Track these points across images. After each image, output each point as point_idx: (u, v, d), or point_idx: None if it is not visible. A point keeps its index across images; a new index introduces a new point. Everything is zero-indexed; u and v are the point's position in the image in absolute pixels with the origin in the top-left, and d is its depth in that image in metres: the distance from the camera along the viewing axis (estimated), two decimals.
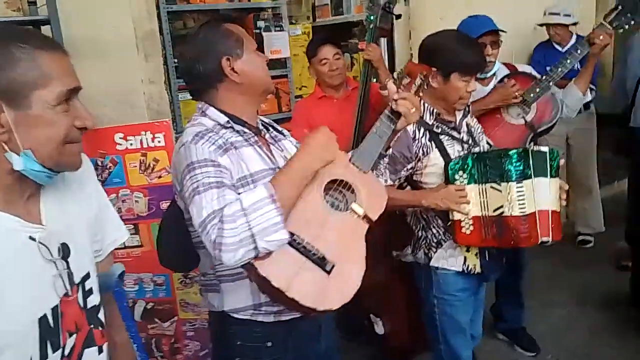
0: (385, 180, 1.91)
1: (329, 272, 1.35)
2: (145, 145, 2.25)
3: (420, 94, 1.61)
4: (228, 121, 1.44)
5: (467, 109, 2.12)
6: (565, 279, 3.63)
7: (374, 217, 1.46)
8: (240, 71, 1.44)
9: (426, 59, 1.99)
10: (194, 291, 2.40)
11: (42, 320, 0.96)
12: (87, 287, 1.08)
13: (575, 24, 3.74)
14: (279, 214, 1.23)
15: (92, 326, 1.08)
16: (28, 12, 2.28)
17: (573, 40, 3.75)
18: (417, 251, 2.08)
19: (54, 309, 0.98)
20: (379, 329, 2.83)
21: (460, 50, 1.92)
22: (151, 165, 2.27)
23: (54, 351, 0.98)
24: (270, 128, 1.61)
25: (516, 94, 2.43)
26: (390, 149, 1.67)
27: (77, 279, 1.05)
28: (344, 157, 1.49)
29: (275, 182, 1.29)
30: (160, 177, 2.27)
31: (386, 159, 1.81)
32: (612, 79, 4.53)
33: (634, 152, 3.26)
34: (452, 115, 2.03)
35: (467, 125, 2.08)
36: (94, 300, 1.09)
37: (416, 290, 2.21)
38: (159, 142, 2.25)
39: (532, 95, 2.47)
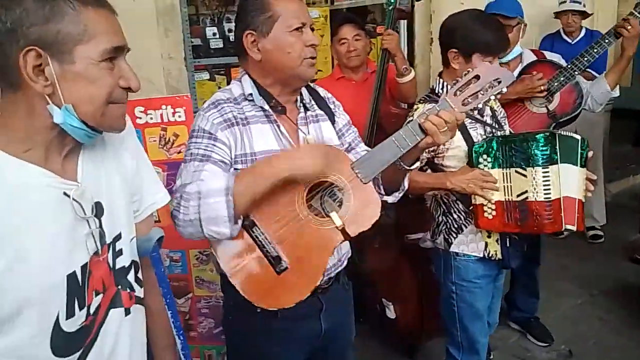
0: None
1: (279, 273, 1.34)
2: (165, 120, 2.22)
3: (481, 106, 1.46)
4: (250, 94, 1.43)
5: None
6: (577, 270, 3.62)
7: (353, 233, 1.35)
8: (262, 49, 1.40)
9: (447, 39, 1.96)
10: (210, 268, 2.39)
11: (71, 277, 0.95)
12: (117, 248, 1.07)
13: (586, 13, 3.68)
14: (227, 208, 1.24)
15: (119, 287, 1.08)
16: None
17: (582, 34, 3.70)
18: (437, 237, 2.06)
19: (83, 267, 0.98)
20: (391, 313, 2.82)
21: (481, 29, 1.87)
22: (171, 140, 2.24)
23: (80, 309, 0.98)
24: (314, 107, 1.55)
25: (542, 87, 2.38)
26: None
27: (108, 239, 1.04)
28: (344, 158, 1.40)
29: (239, 175, 1.30)
30: (179, 152, 2.24)
31: None
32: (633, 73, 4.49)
33: None
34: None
35: (491, 108, 2.05)
36: (123, 261, 1.09)
37: (428, 275, 2.20)
38: (179, 116, 2.22)
39: (555, 84, 2.44)
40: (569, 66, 2.43)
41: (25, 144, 0.91)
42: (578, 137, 1.87)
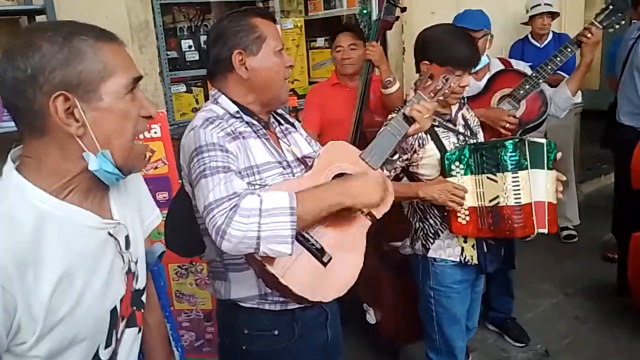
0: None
1: (325, 264, 1.35)
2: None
3: (441, 98, 1.64)
4: (238, 111, 1.45)
5: (462, 101, 2.14)
6: (552, 270, 3.70)
7: (378, 215, 1.44)
8: (250, 67, 1.43)
9: (421, 51, 2.02)
10: (189, 282, 2.41)
11: (113, 311, 1.00)
12: (135, 273, 1.10)
13: (556, 14, 3.78)
14: (291, 228, 1.21)
15: (134, 308, 1.10)
16: (23, 2, 2.27)
17: (550, 37, 3.81)
18: (415, 243, 2.10)
19: (121, 300, 1.02)
20: (371, 318, 2.86)
21: (456, 44, 1.94)
22: (147, 157, 2.25)
23: (115, 337, 1.02)
24: (282, 121, 1.61)
25: (508, 126, 2.39)
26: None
27: (132, 267, 1.07)
28: (354, 151, 1.51)
29: (301, 196, 1.26)
30: (156, 167, 2.27)
31: None
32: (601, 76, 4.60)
33: (618, 146, 3.33)
34: (447, 108, 2.06)
35: (464, 117, 2.11)
36: (138, 284, 1.12)
37: (408, 281, 2.24)
38: (155, 133, 2.24)
39: (521, 91, 2.50)
40: (534, 74, 2.50)
41: (66, 185, 0.93)
42: (543, 141, 1.93)
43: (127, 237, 1.05)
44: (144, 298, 1.14)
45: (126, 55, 0.96)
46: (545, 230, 1.91)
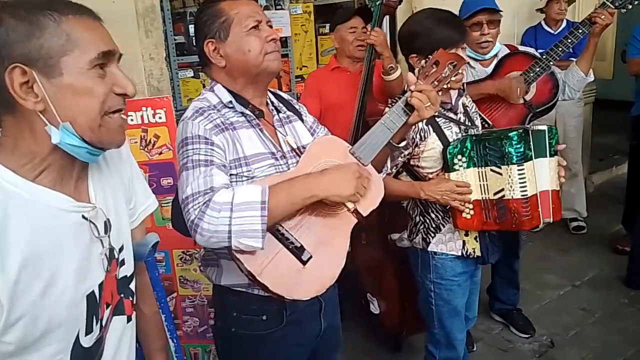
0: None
1: (304, 263, 1.35)
2: (146, 121, 2.23)
3: (447, 86, 1.54)
4: (230, 101, 1.44)
5: (462, 86, 2.09)
6: (559, 261, 3.67)
7: (365, 213, 1.42)
8: (224, 54, 1.42)
9: (406, 47, 1.97)
10: (193, 268, 2.41)
11: (90, 296, 0.97)
12: (120, 258, 1.08)
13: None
14: (262, 222, 1.22)
15: (122, 295, 1.09)
16: None
17: (564, 24, 3.74)
18: (414, 236, 2.05)
19: (100, 285, 1.00)
20: (375, 308, 2.86)
21: (436, 27, 1.87)
22: (152, 142, 2.26)
23: (96, 324, 1.00)
24: (284, 109, 1.59)
25: (520, 94, 2.39)
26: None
27: (116, 254, 1.05)
28: (343, 146, 1.47)
29: (274, 189, 1.27)
30: (161, 153, 2.26)
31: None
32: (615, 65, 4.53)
33: (634, 138, 3.29)
34: (447, 96, 1.97)
35: (464, 105, 2.05)
36: (125, 271, 1.10)
37: (410, 273, 2.22)
38: (159, 118, 2.23)
39: (531, 74, 2.46)
40: (544, 56, 2.46)
41: (38, 166, 0.91)
42: (544, 126, 1.88)
43: (107, 221, 1.02)
44: (132, 286, 1.13)
45: (97, 28, 0.92)
46: (550, 219, 1.88)
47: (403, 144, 1.60)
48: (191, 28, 3.47)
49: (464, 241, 1.99)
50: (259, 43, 1.41)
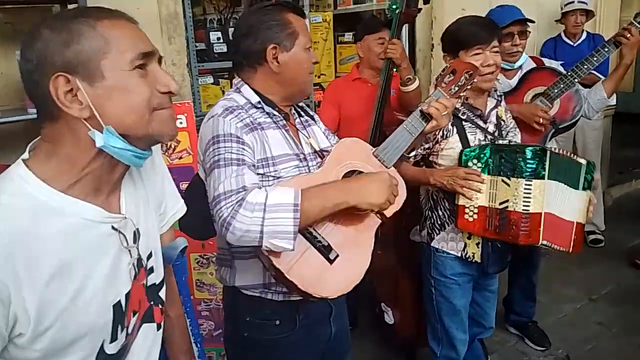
0: None
1: (331, 262, 1.36)
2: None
3: (463, 94, 1.61)
4: (259, 102, 1.46)
5: (499, 98, 2.11)
6: (576, 274, 3.63)
7: (389, 214, 1.44)
8: (282, 62, 1.46)
9: (443, 48, 2.06)
10: (210, 271, 2.43)
11: (116, 306, 0.97)
12: (149, 266, 1.08)
13: (591, 12, 3.70)
14: (294, 225, 1.23)
15: (151, 303, 1.09)
16: None
17: (584, 36, 3.72)
18: (422, 230, 2.13)
19: (127, 294, 1.00)
20: (389, 318, 2.85)
21: (463, 28, 1.96)
22: (172, 146, 2.29)
23: (121, 332, 1.00)
24: (302, 113, 1.62)
25: (542, 122, 2.37)
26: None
27: (143, 262, 1.05)
28: (367, 148, 1.51)
29: (307, 193, 1.28)
30: (181, 157, 2.30)
31: None
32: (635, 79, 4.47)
33: None
34: (482, 103, 2.02)
35: (498, 117, 2.06)
36: (154, 278, 1.10)
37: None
38: (180, 123, 2.27)
39: (555, 90, 2.46)
40: (570, 73, 2.45)
41: (75, 176, 0.91)
42: (584, 161, 1.90)
43: (137, 231, 1.02)
44: (162, 294, 1.12)
45: (134, 30, 0.92)
46: (569, 250, 1.91)
47: (412, 153, 1.68)
48: (212, 35, 3.52)
49: (465, 244, 2.03)
50: (310, 63, 1.51)
